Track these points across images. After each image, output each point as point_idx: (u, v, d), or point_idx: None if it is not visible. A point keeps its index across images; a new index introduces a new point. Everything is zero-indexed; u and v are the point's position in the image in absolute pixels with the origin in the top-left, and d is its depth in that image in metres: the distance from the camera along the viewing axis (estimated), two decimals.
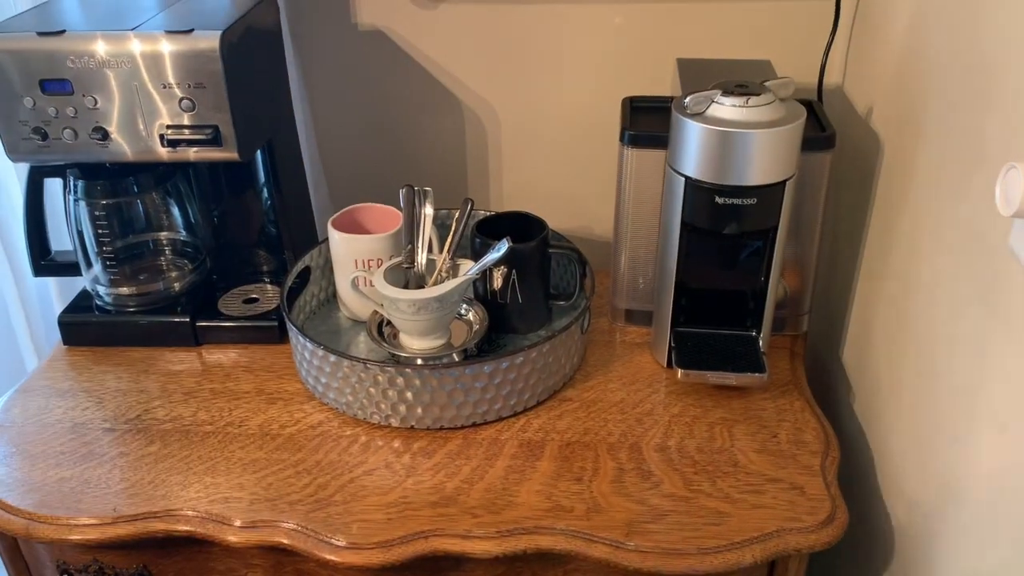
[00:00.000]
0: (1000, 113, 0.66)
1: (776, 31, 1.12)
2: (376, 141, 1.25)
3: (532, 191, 1.25)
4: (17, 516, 0.83)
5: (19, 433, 0.93)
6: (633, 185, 0.99)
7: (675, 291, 0.96)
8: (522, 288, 1.00)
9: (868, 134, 0.99)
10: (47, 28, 0.89)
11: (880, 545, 0.89)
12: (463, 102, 1.21)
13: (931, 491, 0.78)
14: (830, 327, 1.13)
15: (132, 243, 1.07)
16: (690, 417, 0.93)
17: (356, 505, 0.83)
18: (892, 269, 0.90)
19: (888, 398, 0.90)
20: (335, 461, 0.88)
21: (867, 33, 1.03)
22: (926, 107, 0.82)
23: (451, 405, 0.90)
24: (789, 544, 0.78)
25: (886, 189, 0.93)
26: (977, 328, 0.69)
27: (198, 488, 0.85)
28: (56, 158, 0.94)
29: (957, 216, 0.74)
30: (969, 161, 0.72)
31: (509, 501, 0.83)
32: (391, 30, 1.17)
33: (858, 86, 1.06)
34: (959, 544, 0.72)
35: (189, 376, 1.01)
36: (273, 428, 0.93)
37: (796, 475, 0.85)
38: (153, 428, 0.93)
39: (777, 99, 0.86)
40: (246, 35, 0.94)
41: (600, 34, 1.14)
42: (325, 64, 1.20)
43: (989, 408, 0.67)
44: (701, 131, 0.85)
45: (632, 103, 1.05)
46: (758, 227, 0.91)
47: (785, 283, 1.02)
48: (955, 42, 0.77)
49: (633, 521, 0.80)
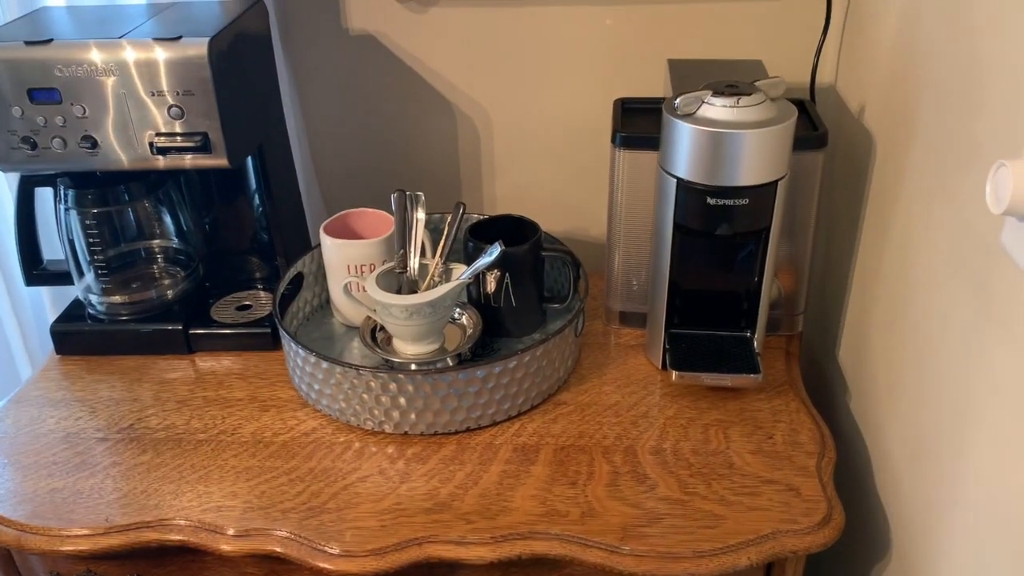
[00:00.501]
0: (992, 111, 0.66)
1: (768, 31, 1.11)
2: (368, 146, 1.24)
3: (525, 194, 1.25)
4: (9, 527, 0.83)
5: (11, 444, 0.93)
6: (625, 187, 0.99)
7: (669, 292, 0.96)
8: (516, 291, 1.00)
9: (861, 133, 0.99)
10: (35, 37, 0.88)
11: (877, 546, 0.89)
12: (455, 105, 1.20)
13: (928, 491, 0.77)
14: (825, 327, 1.12)
15: (124, 251, 1.06)
16: (685, 419, 0.93)
17: (350, 512, 0.82)
18: (886, 267, 0.89)
19: (884, 398, 0.89)
20: (328, 468, 0.88)
21: (859, 32, 1.03)
22: (918, 106, 0.82)
23: (445, 410, 0.89)
24: (785, 546, 0.78)
25: (879, 188, 0.93)
26: (972, 326, 0.69)
27: (191, 497, 0.85)
28: (46, 167, 0.94)
29: (950, 214, 0.74)
30: (961, 159, 0.72)
31: (504, 506, 0.82)
32: (382, 34, 1.16)
33: (850, 85, 1.06)
34: (956, 545, 0.71)
35: (182, 384, 1.01)
36: (266, 436, 0.92)
37: (792, 476, 0.85)
38: (146, 437, 0.93)
39: (768, 99, 0.86)
40: (235, 41, 0.93)
41: (591, 36, 1.14)
42: (316, 69, 1.19)
43: (985, 407, 0.66)
44: (692, 132, 0.84)
45: (624, 104, 1.05)
46: (751, 227, 0.91)
47: (779, 283, 1.02)
48: (946, 40, 0.76)
49: (628, 525, 0.80)
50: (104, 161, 0.92)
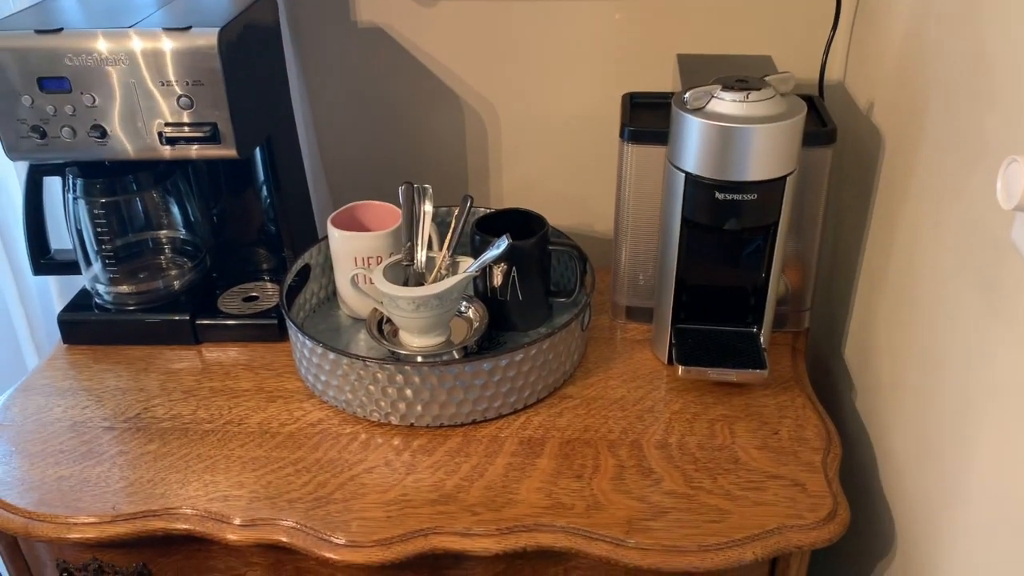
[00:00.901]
0: (1001, 107, 0.66)
1: (777, 26, 1.11)
2: (375, 138, 1.24)
3: (532, 188, 1.25)
4: (16, 515, 0.83)
5: (18, 432, 0.93)
6: (633, 181, 0.99)
7: (676, 287, 0.96)
8: (522, 285, 1.00)
9: (869, 129, 0.98)
10: (45, 26, 0.89)
11: (881, 543, 0.89)
12: (463, 99, 1.20)
13: (933, 488, 0.77)
14: (832, 323, 1.12)
15: (131, 241, 1.07)
16: (691, 414, 0.93)
17: (356, 503, 0.83)
18: (894, 264, 0.89)
19: (890, 395, 0.89)
20: (335, 459, 0.88)
21: (868, 28, 1.03)
22: (927, 101, 0.82)
23: (451, 403, 0.89)
24: (790, 541, 0.78)
25: (887, 184, 0.93)
26: (979, 323, 0.69)
27: (197, 486, 0.85)
28: (55, 156, 0.94)
29: (959, 210, 0.74)
30: (970, 155, 0.71)
31: (509, 499, 0.82)
32: (391, 27, 1.16)
33: (859, 81, 1.05)
34: (959, 542, 0.71)
35: (189, 374, 1.01)
36: (273, 426, 0.92)
37: (797, 472, 0.85)
38: (152, 426, 0.93)
39: (777, 94, 0.86)
40: (245, 32, 0.93)
41: (600, 30, 1.14)
42: (325, 61, 1.19)
43: (991, 404, 0.66)
44: (701, 126, 0.84)
45: (632, 99, 1.04)
46: (759, 223, 0.90)
47: (786, 279, 1.02)
48: (956, 36, 0.76)
49: (634, 518, 0.80)
50: (113, 151, 0.92)
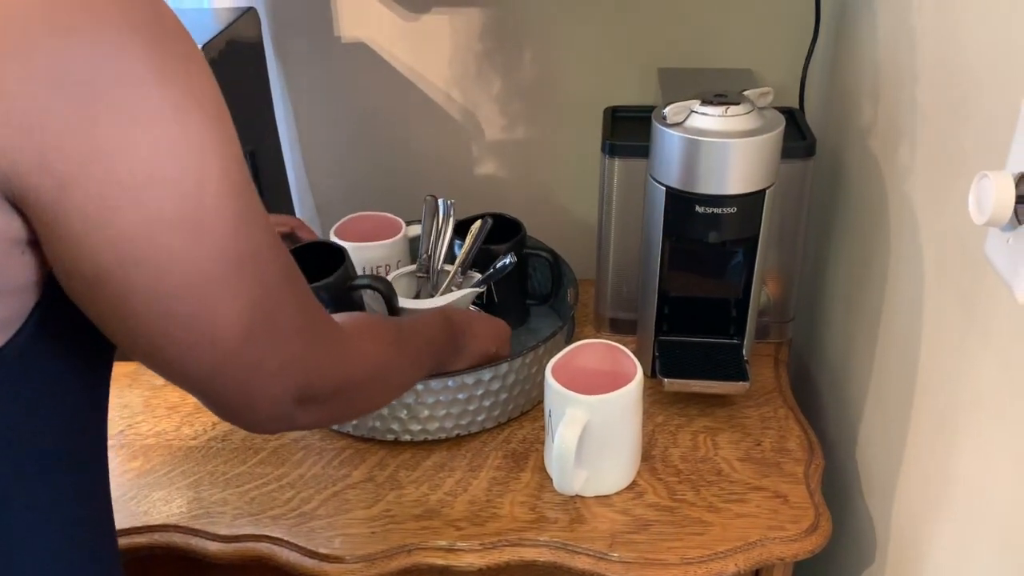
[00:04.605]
0: (977, 122, 0.67)
1: (758, 41, 1.12)
2: (360, 152, 1.25)
3: (515, 200, 1.25)
4: None
5: None
6: (616, 195, 0.99)
7: (658, 300, 0.96)
8: (498, 288, 1.01)
9: (849, 142, 0.99)
10: None
11: (864, 553, 0.89)
12: (446, 111, 1.21)
13: (915, 499, 0.78)
14: (814, 334, 1.13)
15: None
16: (674, 426, 0.93)
17: (339, 519, 0.83)
18: (874, 276, 0.90)
19: (872, 406, 0.90)
20: (318, 475, 0.88)
21: (848, 42, 1.04)
22: (905, 115, 0.83)
23: (434, 417, 0.89)
24: (773, 553, 0.78)
25: (867, 197, 0.93)
26: (957, 335, 0.69)
27: (180, 503, 0.85)
28: None
29: (937, 224, 0.74)
30: (948, 169, 0.72)
31: (493, 513, 0.83)
32: (374, 41, 1.17)
33: (839, 95, 1.06)
34: (942, 552, 0.72)
35: (173, 390, 1.01)
36: (256, 442, 0.92)
37: (780, 483, 0.85)
38: (136, 443, 0.93)
39: (756, 108, 0.87)
40: (227, 49, 0.94)
41: (583, 43, 1.14)
42: (308, 76, 1.20)
43: (971, 415, 0.67)
44: (680, 141, 0.85)
45: (614, 113, 1.05)
46: (739, 236, 0.91)
47: (768, 291, 1.03)
48: (933, 50, 0.77)
49: (616, 532, 0.80)
50: None
